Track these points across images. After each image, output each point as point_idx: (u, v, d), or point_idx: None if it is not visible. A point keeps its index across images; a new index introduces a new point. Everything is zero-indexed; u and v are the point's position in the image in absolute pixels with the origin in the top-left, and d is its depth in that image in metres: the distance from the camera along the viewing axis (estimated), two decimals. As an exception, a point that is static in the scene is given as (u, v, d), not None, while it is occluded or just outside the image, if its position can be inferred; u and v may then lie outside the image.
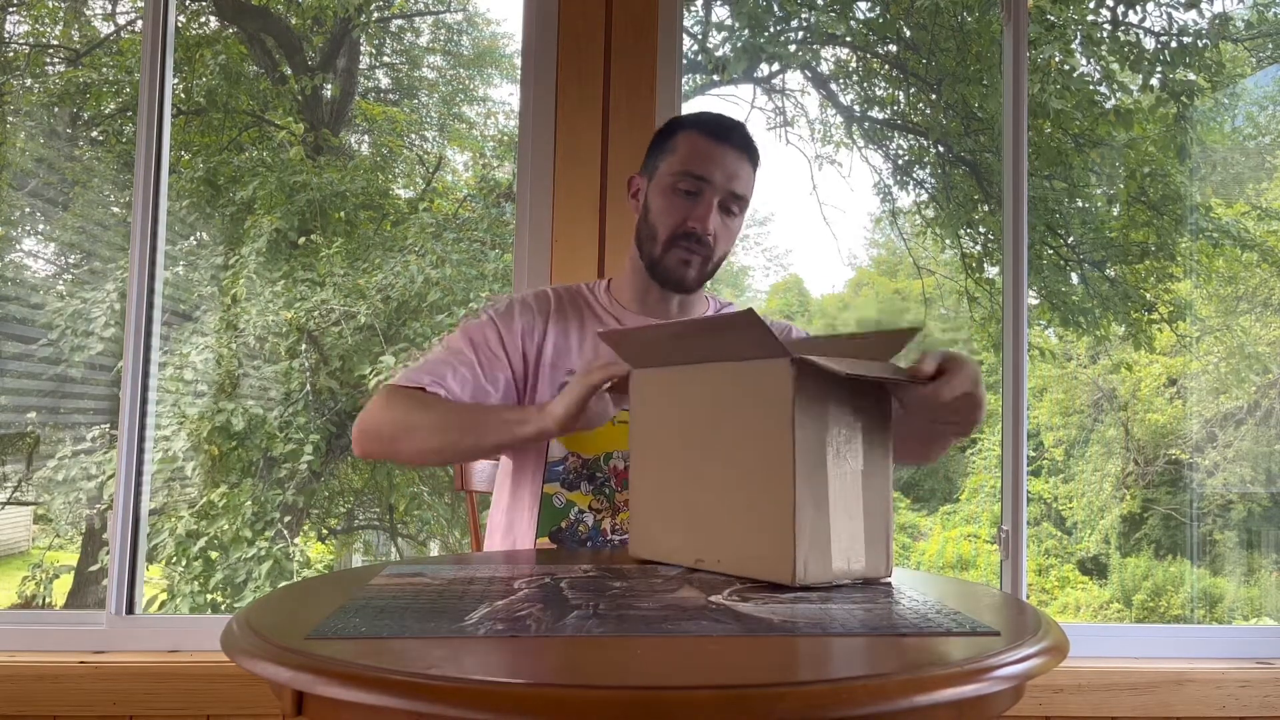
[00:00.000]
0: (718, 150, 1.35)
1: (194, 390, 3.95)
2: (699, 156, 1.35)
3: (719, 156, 1.35)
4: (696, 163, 1.35)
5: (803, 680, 0.62)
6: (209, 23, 4.56)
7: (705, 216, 1.34)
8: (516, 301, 1.43)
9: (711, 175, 1.34)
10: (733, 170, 1.35)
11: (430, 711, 0.59)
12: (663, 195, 1.36)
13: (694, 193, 1.34)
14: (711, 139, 1.35)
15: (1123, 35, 4.34)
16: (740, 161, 1.36)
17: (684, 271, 1.37)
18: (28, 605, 3.86)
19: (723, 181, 1.34)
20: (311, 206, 4.25)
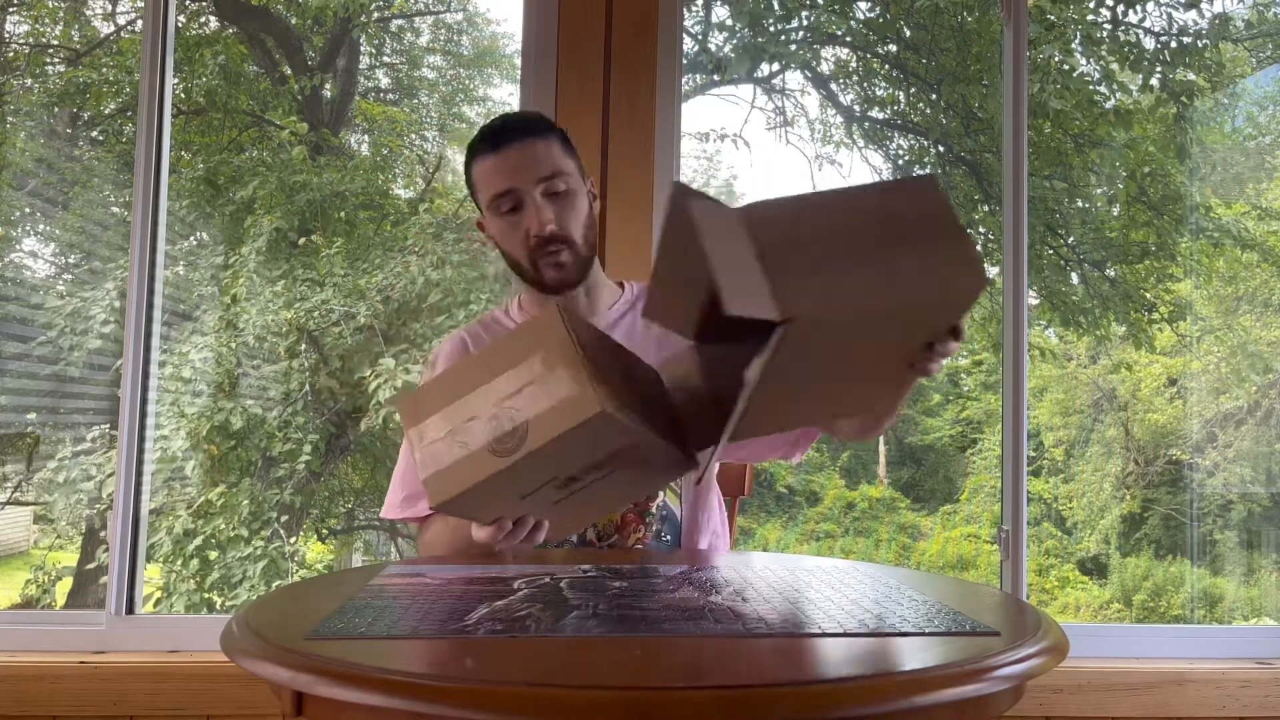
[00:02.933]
0: (502, 158, 1.33)
1: (193, 390, 3.95)
2: (493, 175, 1.34)
3: (507, 161, 1.33)
4: (494, 182, 1.33)
5: (803, 680, 0.62)
6: (209, 23, 4.56)
7: (538, 218, 1.32)
8: (437, 362, 1.45)
9: (512, 184, 1.32)
10: (525, 161, 1.33)
11: (430, 711, 0.59)
12: (495, 225, 1.36)
13: (515, 207, 1.34)
14: (495, 151, 1.33)
15: (1122, 35, 4.34)
16: (529, 148, 1.34)
17: (558, 272, 1.36)
18: (29, 606, 3.86)
19: (525, 179, 1.32)
20: (311, 206, 4.25)
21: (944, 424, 6.43)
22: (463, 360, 1.02)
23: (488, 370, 0.97)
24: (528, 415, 0.93)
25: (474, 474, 0.94)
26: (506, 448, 0.94)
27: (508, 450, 0.94)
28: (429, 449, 0.97)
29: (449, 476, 0.96)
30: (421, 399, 1.00)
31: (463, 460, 0.95)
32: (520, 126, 1.35)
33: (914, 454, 6.47)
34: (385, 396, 3.91)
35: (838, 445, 6.23)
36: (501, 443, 0.94)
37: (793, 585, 0.95)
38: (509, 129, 1.34)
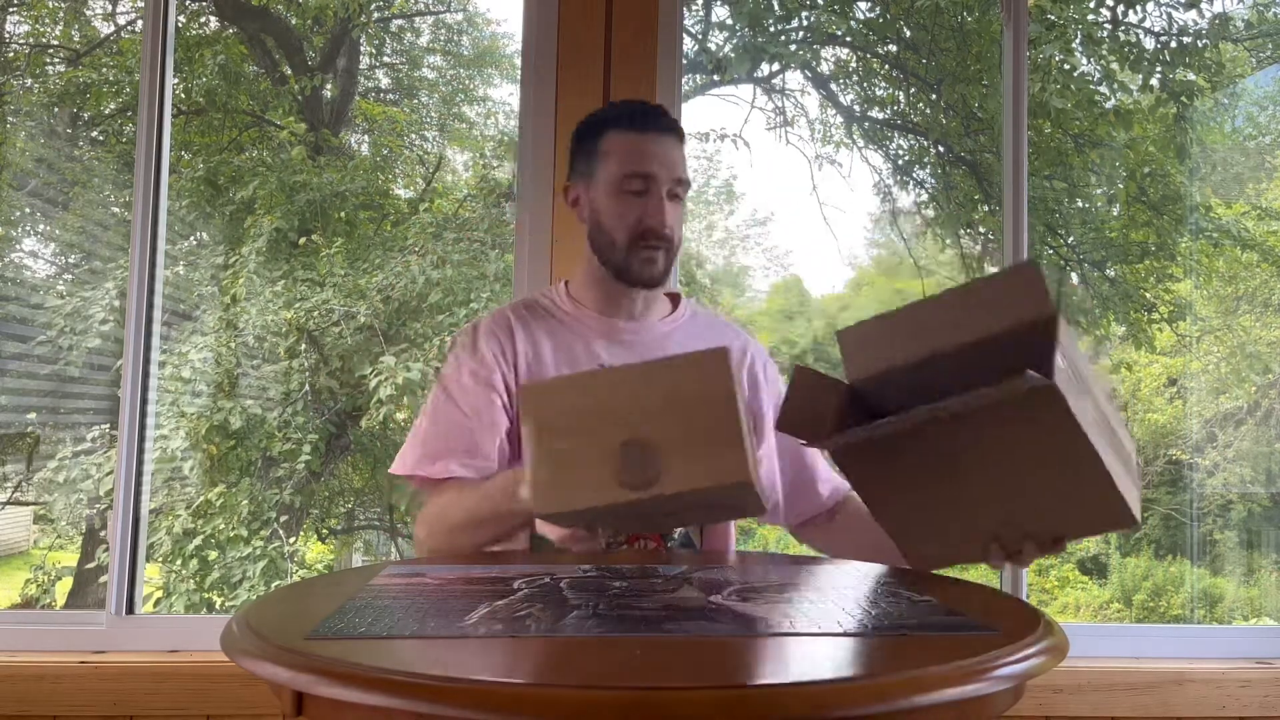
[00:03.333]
0: (649, 141, 1.33)
1: (193, 389, 3.95)
2: (637, 154, 1.33)
3: (652, 148, 1.33)
4: (635, 160, 1.33)
5: (803, 680, 0.62)
6: (209, 23, 4.57)
7: (660, 212, 1.32)
8: (479, 331, 1.40)
9: (653, 169, 1.32)
10: (670, 158, 1.34)
11: (430, 711, 0.59)
12: (612, 200, 1.34)
13: (642, 191, 1.33)
14: (640, 132, 1.33)
15: (1123, 35, 4.34)
16: (673, 146, 1.35)
17: (651, 270, 1.35)
18: (29, 606, 3.86)
19: (665, 172, 1.33)
20: (312, 206, 4.26)
21: (944, 424, 6.42)
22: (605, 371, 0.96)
23: (631, 391, 0.91)
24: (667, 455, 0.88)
25: (594, 497, 0.89)
26: (635, 482, 0.88)
27: (635, 485, 0.88)
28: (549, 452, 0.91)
29: (566, 490, 0.90)
30: (549, 393, 0.94)
31: (585, 479, 0.89)
32: (668, 120, 1.36)
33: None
34: (385, 395, 3.91)
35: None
36: (632, 475, 0.88)
37: (793, 585, 0.95)
38: (657, 116, 1.35)
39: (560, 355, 1.37)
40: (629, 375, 0.93)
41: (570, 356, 1.37)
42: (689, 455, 0.88)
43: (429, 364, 4.02)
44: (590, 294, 1.43)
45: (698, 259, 5.92)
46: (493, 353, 1.36)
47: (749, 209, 6.01)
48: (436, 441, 1.33)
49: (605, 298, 1.41)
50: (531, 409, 0.92)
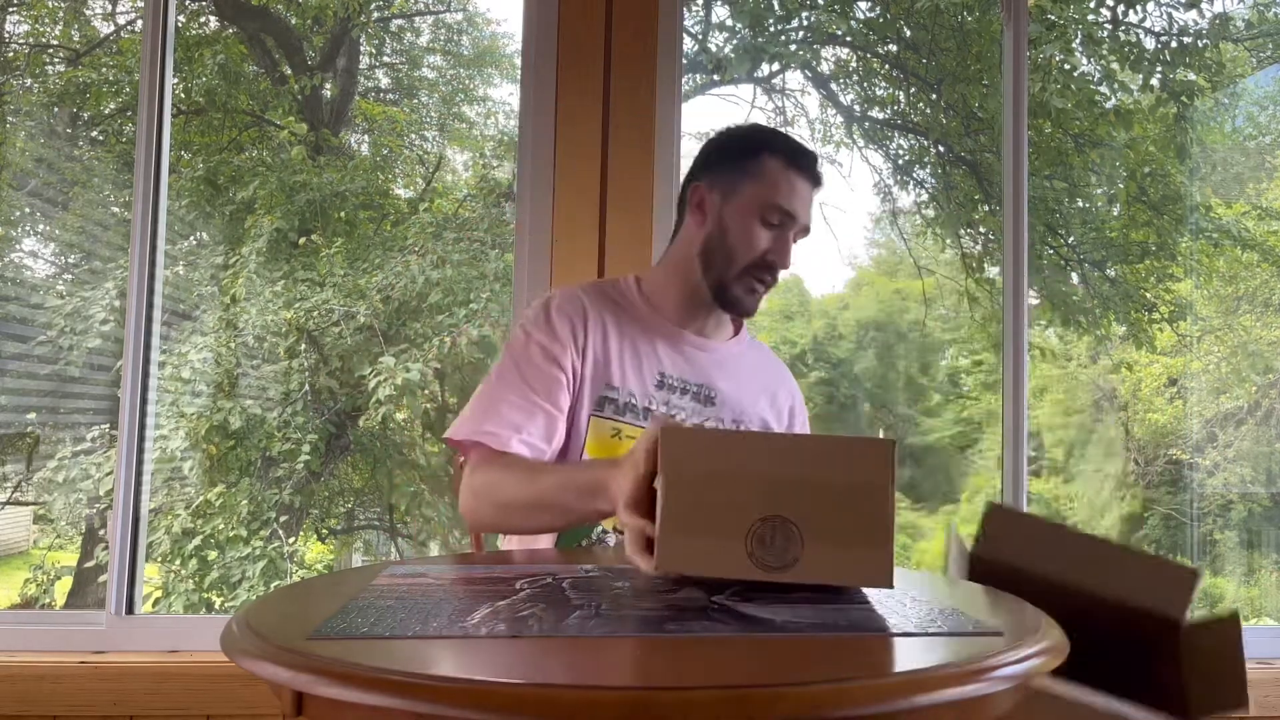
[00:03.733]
0: (801, 183, 1.36)
1: (192, 389, 3.95)
2: (788, 190, 1.35)
3: (802, 190, 1.36)
4: (786, 196, 1.34)
5: (803, 680, 0.62)
6: (209, 23, 4.56)
7: (786, 252, 1.35)
8: (551, 307, 1.37)
9: (797, 211, 1.35)
10: (809, 205, 1.38)
11: (430, 711, 0.59)
12: (748, 221, 1.35)
13: (779, 225, 1.35)
14: (797, 171, 1.35)
15: (1123, 35, 4.34)
16: (813, 194, 1.39)
17: (751, 301, 1.38)
18: (29, 606, 3.86)
19: (804, 218, 1.36)
20: (312, 206, 4.26)
21: (944, 424, 6.43)
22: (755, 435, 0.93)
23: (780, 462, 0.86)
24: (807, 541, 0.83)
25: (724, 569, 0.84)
26: (769, 563, 0.84)
27: (768, 565, 0.83)
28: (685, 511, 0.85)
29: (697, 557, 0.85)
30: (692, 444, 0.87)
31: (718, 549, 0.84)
32: (819, 170, 1.40)
33: (914, 454, 6.47)
34: (385, 395, 3.91)
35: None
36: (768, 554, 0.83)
37: (794, 586, 0.95)
38: (815, 162, 1.39)
39: (625, 348, 1.37)
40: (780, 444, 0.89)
41: (635, 352, 1.37)
42: (831, 545, 0.83)
43: (428, 364, 4.02)
44: (668, 298, 1.42)
45: (698, 259, 5.91)
46: (565, 331, 1.34)
47: (749, 209, 6.00)
48: (501, 413, 1.30)
49: (684, 307, 1.41)
50: (672, 457, 0.86)
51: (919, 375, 6.64)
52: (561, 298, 1.40)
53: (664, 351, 1.39)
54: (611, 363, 1.35)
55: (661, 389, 1.37)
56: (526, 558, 1.19)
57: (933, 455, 6.45)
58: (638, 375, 1.36)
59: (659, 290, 1.43)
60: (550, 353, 1.33)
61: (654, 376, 1.38)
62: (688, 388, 1.39)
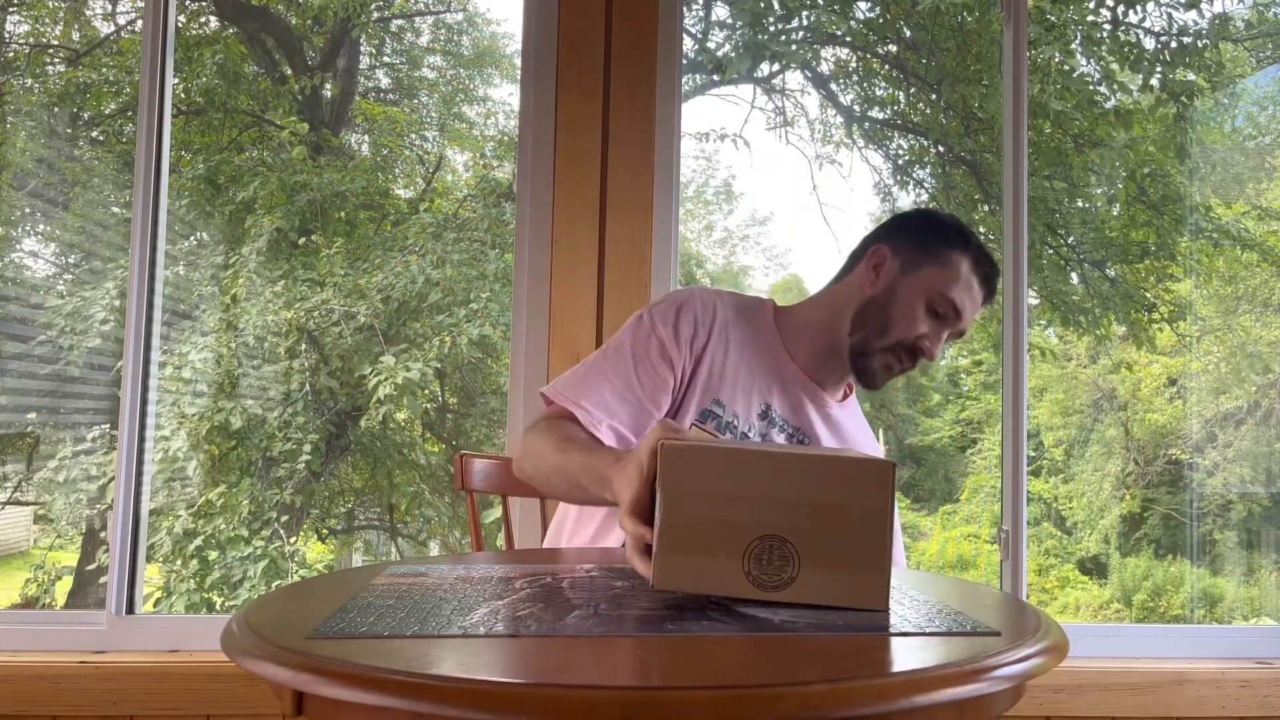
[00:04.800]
0: (979, 289, 1.37)
1: (193, 390, 3.95)
2: (965, 288, 1.36)
3: (976, 295, 1.37)
4: (960, 292, 1.35)
5: (803, 680, 0.62)
6: (209, 23, 4.57)
7: (938, 345, 1.36)
8: (684, 306, 1.36)
9: (965, 311, 1.36)
10: (976, 312, 1.39)
11: (430, 711, 0.59)
12: (915, 299, 1.35)
13: (942, 317, 1.35)
14: (981, 277, 1.37)
15: (1123, 35, 4.34)
16: (983, 305, 1.41)
17: (884, 377, 1.37)
18: (29, 606, 3.87)
19: (966, 321, 1.37)
20: (312, 206, 4.26)
21: (944, 424, 6.43)
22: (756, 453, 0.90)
23: (780, 482, 0.85)
24: (803, 562, 0.84)
25: (720, 586, 0.84)
26: (765, 582, 0.84)
27: (764, 584, 0.84)
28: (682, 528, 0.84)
29: (693, 575, 0.84)
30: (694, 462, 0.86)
31: (715, 567, 0.84)
32: (997, 287, 1.42)
33: (914, 454, 6.47)
34: (385, 395, 3.92)
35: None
36: (764, 574, 0.84)
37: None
38: (997, 279, 1.41)
39: (743, 369, 1.36)
40: (780, 464, 0.88)
41: (750, 376, 1.36)
42: (827, 567, 0.84)
43: (428, 364, 4.03)
44: (804, 339, 1.41)
45: (698, 259, 5.92)
46: (687, 332, 1.34)
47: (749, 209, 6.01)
48: (603, 394, 1.29)
49: (817, 354, 1.40)
50: (671, 475, 0.86)
51: (919, 375, 6.64)
52: (698, 300, 1.38)
53: (777, 387, 1.38)
54: (726, 379, 1.34)
55: (764, 420, 1.36)
56: (526, 557, 1.19)
57: (932, 455, 6.46)
58: (746, 399, 1.35)
59: (798, 327, 1.42)
60: (666, 353, 1.32)
61: (760, 406, 1.36)
62: (786, 427, 1.37)
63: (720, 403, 1.33)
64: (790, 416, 1.38)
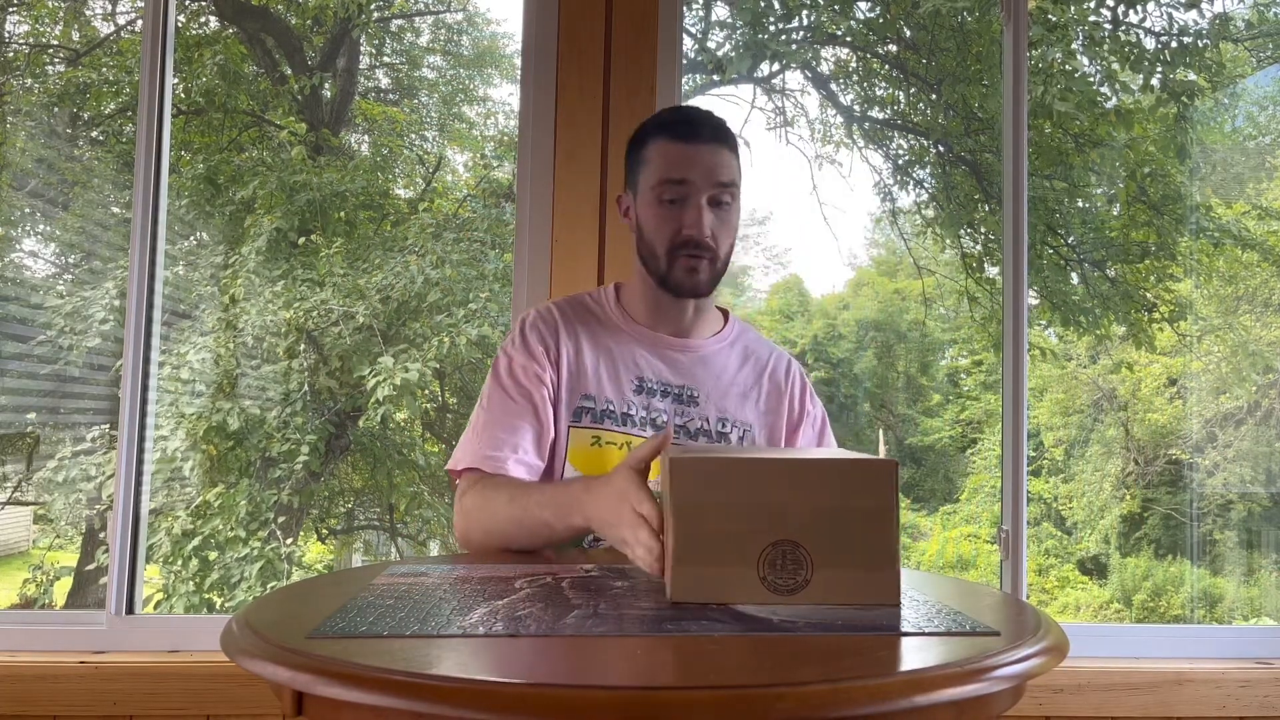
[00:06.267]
0: (691, 150, 1.32)
1: (192, 390, 3.95)
2: (675, 162, 1.32)
3: (694, 156, 1.31)
4: (674, 168, 1.32)
5: (803, 680, 0.62)
6: (209, 23, 4.57)
7: (698, 221, 1.31)
8: (526, 327, 1.40)
9: (689, 176, 1.31)
10: (710, 164, 1.32)
11: (430, 711, 0.59)
12: (651, 209, 1.34)
13: (680, 199, 1.32)
14: (682, 141, 1.32)
15: (1123, 35, 4.34)
16: (716, 152, 1.32)
17: (694, 279, 1.35)
18: (28, 606, 3.86)
19: (704, 179, 1.31)
20: (311, 206, 4.26)
21: (944, 424, 6.43)
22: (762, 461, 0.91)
23: (787, 487, 0.87)
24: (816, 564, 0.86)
25: (737, 594, 0.85)
26: (781, 586, 0.86)
27: (780, 588, 0.85)
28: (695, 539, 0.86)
29: (709, 585, 0.86)
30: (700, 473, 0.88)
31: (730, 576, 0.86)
32: (715, 131, 1.34)
33: (914, 454, 6.48)
34: (384, 395, 3.91)
35: (838, 445, 6.23)
36: (779, 578, 0.86)
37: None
38: (704, 125, 1.33)
39: (601, 357, 1.38)
40: (786, 468, 0.90)
41: (611, 360, 1.37)
42: (840, 567, 0.86)
43: (427, 364, 4.03)
44: (639, 305, 1.42)
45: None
46: (539, 348, 1.37)
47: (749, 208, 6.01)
48: (495, 436, 1.32)
49: (653, 310, 1.41)
50: (681, 489, 0.88)
51: (919, 375, 6.64)
52: (534, 316, 1.42)
53: (642, 357, 1.38)
54: (587, 373, 1.37)
55: (640, 394, 1.37)
56: (529, 558, 1.19)
57: (932, 455, 6.46)
58: (614, 382, 1.37)
59: (632, 298, 1.44)
60: (529, 370, 1.36)
61: (632, 382, 1.37)
62: (668, 390, 1.38)
63: (589, 396, 1.35)
64: (669, 376, 1.38)
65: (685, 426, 1.37)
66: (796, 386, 1.47)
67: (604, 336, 1.40)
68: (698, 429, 1.37)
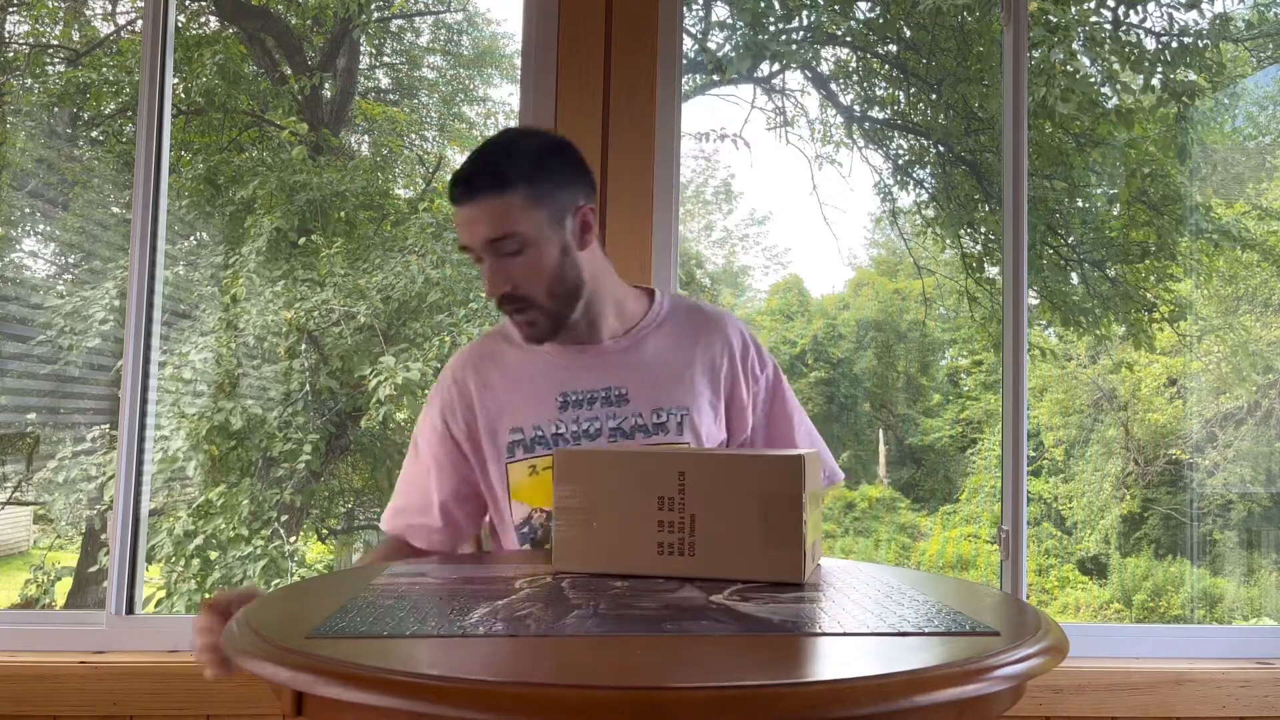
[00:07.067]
0: (464, 212, 1.27)
1: (193, 390, 3.95)
2: (459, 227, 1.29)
3: (466, 218, 1.27)
4: (460, 234, 1.29)
5: (803, 680, 0.62)
6: (209, 23, 4.57)
7: (490, 280, 1.28)
8: (439, 383, 1.42)
9: (467, 240, 1.28)
10: (476, 221, 1.26)
11: (430, 711, 0.59)
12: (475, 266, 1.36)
13: (477, 260, 1.30)
14: (456, 205, 1.28)
15: (1124, 35, 4.34)
16: (484, 207, 1.26)
17: (528, 330, 1.32)
18: (30, 607, 3.86)
19: (477, 241, 1.26)
20: (311, 206, 4.26)
21: (944, 424, 6.44)
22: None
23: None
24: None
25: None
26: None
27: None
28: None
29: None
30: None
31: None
32: (487, 178, 1.27)
33: (914, 454, 6.48)
34: (385, 395, 3.91)
35: (838, 446, 6.23)
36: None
37: (793, 586, 0.95)
38: (473, 178, 1.27)
39: (521, 388, 1.36)
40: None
41: (530, 388, 1.35)
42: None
43: (429, 364, 4.03)
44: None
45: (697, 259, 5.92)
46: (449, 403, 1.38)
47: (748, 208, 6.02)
48: (395, 500, 1.41)
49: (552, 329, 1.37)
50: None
51: (919, 375, 6.64)
52: (447, 370, 1.42)
53: (563, 370, 1.35)
54: (505, 409, 1.35)
55: (567, 409, 1.34)
56: (527, 558, 1.19)
57: (932, 455, 6.46)
58: (538, 406, 1.34)
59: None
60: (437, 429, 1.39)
61: (555, 400, 1.34)
62: (595, 395, 1.34)
63: (517, 429, 1.34)
64: (596, 382, 1.35)
65: (620, 427, 1.34)
66: (737, 353, 1.41)
67: (522, 364, 1.38)
68: (632, 426, 1.34)
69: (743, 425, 1.40)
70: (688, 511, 0.95)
